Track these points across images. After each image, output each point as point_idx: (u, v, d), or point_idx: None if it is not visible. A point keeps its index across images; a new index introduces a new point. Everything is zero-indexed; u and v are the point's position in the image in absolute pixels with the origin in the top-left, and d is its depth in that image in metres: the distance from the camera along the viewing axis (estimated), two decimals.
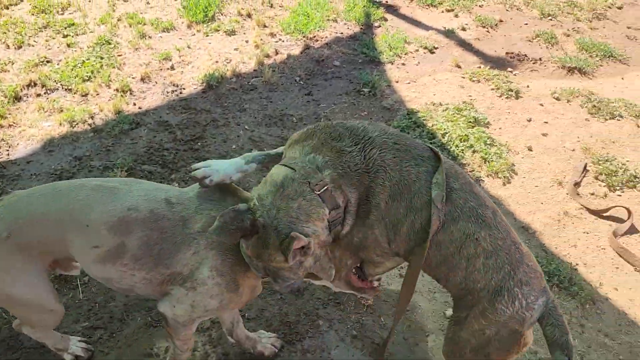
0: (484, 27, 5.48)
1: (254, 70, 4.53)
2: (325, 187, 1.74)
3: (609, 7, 5.92)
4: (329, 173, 1.77)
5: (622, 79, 4.69)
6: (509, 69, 4.78)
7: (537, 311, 1.77)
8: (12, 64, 4.23)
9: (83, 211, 1.81)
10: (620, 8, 5.94)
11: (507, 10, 5.87)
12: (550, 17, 5.72)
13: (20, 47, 4.47)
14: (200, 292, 1.84)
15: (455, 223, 1.77)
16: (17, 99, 3.86)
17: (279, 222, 1.69)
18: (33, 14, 4.93)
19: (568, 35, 5.38)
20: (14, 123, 3.63)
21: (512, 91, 4.37)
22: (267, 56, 4.73)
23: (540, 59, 4.96)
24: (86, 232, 1.80)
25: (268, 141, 3.75)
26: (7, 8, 5.03)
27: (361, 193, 1.80)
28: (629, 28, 5.55)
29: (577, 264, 2.96)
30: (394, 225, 1.82)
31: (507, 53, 5.04)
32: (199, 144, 3.63)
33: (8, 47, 4.46)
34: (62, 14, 5.03)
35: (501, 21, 5.63)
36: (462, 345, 1.88)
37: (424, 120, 3.98)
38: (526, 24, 5.61)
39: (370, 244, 1.88)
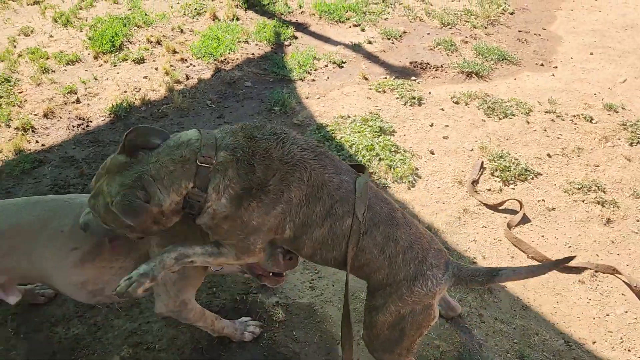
0: (389, 39, 5.73)
1: (164, 97, 4.54)
2: (208, 166, 1.79)
3: (502, 14, 6.34)
4: (223, 155, 1.81)
5: (515, 79, 5.03)
6: (413, 78, 5.03)
7: (446, 283, 2.04)
8: None
9: (56, 218, 1.98)
10: (512, 14, 6.37)
11: (410, 21, 6.17)
12: (450, 26, 6.06)
13: None
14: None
15: (377, 228, 1.96)
16: None
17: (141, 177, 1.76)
18: None
19: (466, 42, 5.72)
20: None
21: (415, 99, 4.60)
22: (178, 82, 4.75)
23: (441, 66, 5.25)
24: (62, 237, 1.97)
25: None
26: None
27: (263, 179, 1.82)
28: (520, 32, 5.96)
29: (475, 258, 3.16)
30: (304, 225, 1.90)
31: (410, 62, 5.30)
32: None
33: None
34: None
35: (405, 32, 5.90)
36: (380, 327, 2.07)
37: (332, 133, 4.13)
38: (428, 33, 5.91)
39: (264, 232, 1.90)
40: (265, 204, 1.83)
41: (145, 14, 5.80)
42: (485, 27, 6.05)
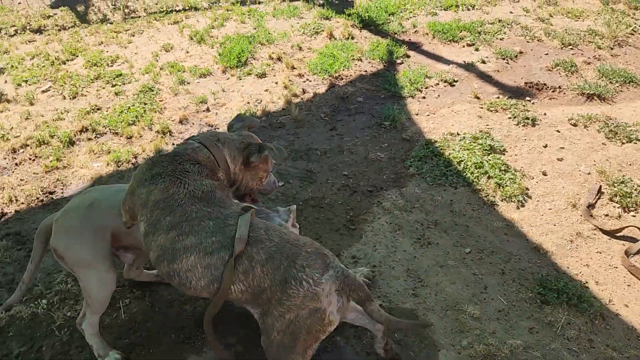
0: (503, 59, 5.68)
1: (283, 109, 4.88)
2: None
3: (631, 34, 6.02)
4: None
5: None
6: (527, 98, 4.94)
7: (327, 284, 2.03)
8: (68, 112, 4.74)
9: None
10: None
11: (527, 42, 6.06)
12: (570, 47, 5.87)
13: (74, 97, 5.00)
14: None
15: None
16: (71, 143, 4.33)
17: None
18: (86, 68, 5.50)
19: (588, 63, 5.51)
20: (68, 164, 4.08)
21: (528, 119, 4.53)
22: (295, 95, 5.09)
23: (559, 87, 5.11)
24: None
25: (294, 173, 4.03)
26: (64, 63, 5.63)
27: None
28: None
29: (587, 282, 3.06)
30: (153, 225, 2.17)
31: (525, 83, 5.21)
32: None
33: (64, 97, 5.00)
34: (112, 66, 5.58)
35: (521, 52, 5.82)
36: (270, 331, 2.11)
37: (441, 149, 4.19)
38: (546, 54, 5.77)
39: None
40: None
41: (269, 33, 6.26)
42: (612, 48, 5.78)
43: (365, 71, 5.54)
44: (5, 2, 7.39)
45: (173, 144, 4.35)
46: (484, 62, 5.62)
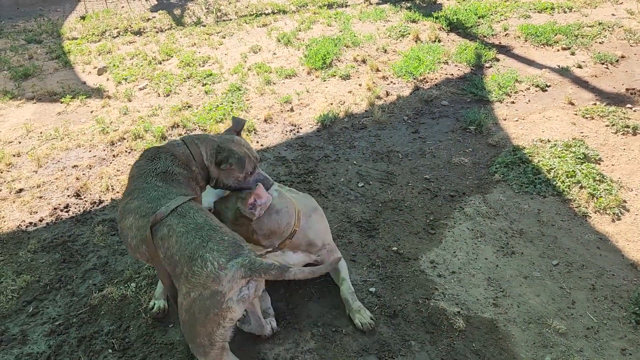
0: (602, 63, 5.34)
1: (365, 110, 4.89)
2: None
3: None
4: None
5: None
6: (628, 105, 4.61)
7: (232, 270, 2.09)
8: (161, 109, 5.04)
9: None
10: None
11: (630, 45, 5.66)
12: None
13: (168, 95, 5.30)
14: None
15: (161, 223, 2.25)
16: (163, 138, 4.59)
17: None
18: (180, 67, 5.82)
19: None
20: None
21: (629, 127, 4.22)
22: (378, 97, 5.07)
23: None
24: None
25: (374, 175, 4.02)
26: (160, 63, 5.99)
27: None
28: None
29: None
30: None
31: (627, 89, 4.87)
32: (311, 177, 4.02)
33: (159, 95, 5.31)
34: (203, 66, 5.86)
35: (623, 57, 5.44)
36: (180, 310, 2.21)
37: (529, 156, 4.01)
38: None
39: None
40: None
41: (354, 35, 6.30)
42: None
43: (452, 74, 5.42)
44: (109, 5, 7.98)
45: (257, 142, 4.49)
46: (580, 66, 5.32)
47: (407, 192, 3.80)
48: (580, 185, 3.64)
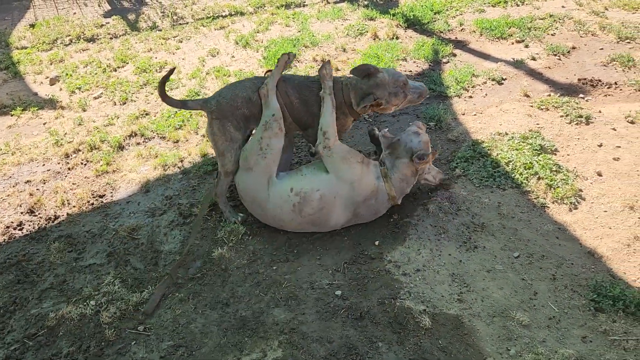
0: (555, 55, 5.46)
1: None
2: None
3: None
4: None
5: None
6: (581, 95, 4.73)
7: None
8: (118, 118, 4.91)
9: None
10: None
11: (580, 36, 5.80)
12: (628, 40, 5.57)
13: (124, 103, 5.17)
14: None
15: None
16: (121, 148, 4.47)
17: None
18: (136, 74, 5.68)
19: None
20: (117, 169, 4.22)
21: (582, 117, 4.33)
22: None
23: (615, 83, 4.85)
24: None
25: None
26: (115, 70, 5.84)
27: None
28: None
29: None
30: None
31: (579, 79, 4.99)
32: None
33: (115, 103, 5.18)
34: (160, 72, 5.73)
35: (574, 48, 5.57)
36: None
37: (488, 150, 4.06)
38: (601, 49, 5.51)
39: None
40: None
41: (313, 35, 6.27)
42: None
43: (410, 71, 5.45)
44: (60, 12, 7.74)
45: None
46: (534, 59, 5.43)
47: None
48: (538, 176, 3.72)
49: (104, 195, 3.97)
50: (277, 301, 2.99)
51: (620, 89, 4.77)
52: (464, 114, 4.65)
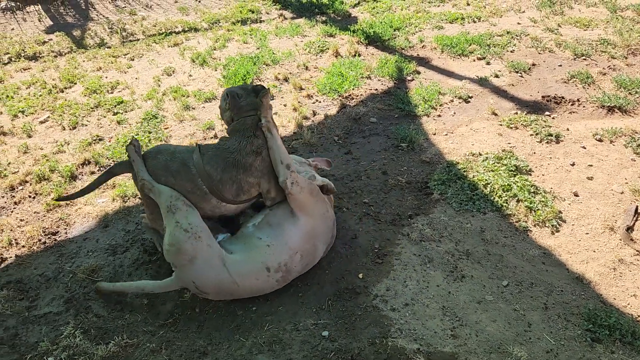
0: (517, 72, 5.52)
1: (294, 132, 4.68)
2: None
3: None
4: None
5: None
6: (547, 113, 4.76)
7: None
8: (68, 144, 4.52)
9: None
10: None
11: (539, 53, 5.90)
12: (584, 57, 5.71)
13: (74, 128, 4.78)
14: None
15: None
16: (73, 177, 4.10)
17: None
18: (85, 95, 5.29)
19: (604, 74, 5.34)
20: (71, 202, 3.85)
21: (552, 135, 4.34)
22: (305, 118, 4.89)
23: (578, 100, 4.93)
24: None
25: None
26: (62, 91, 5.42)
27: None
28: None
29: (639, 316, 2.84)
30: None
31: (543, 97, 5.04)
32: None
33: (64, 128, 4.78)
34: (112, 93, 5.37)
35: (534, 65, 5.65)
36: None
37: (464, 171, 3.99)
38: (560, 65, 5.61)
39: None
40: None
41: (273, 53, 6.08)
42: (626, 57, 5.62)
43: (376, 89, 5.35)
44: None
45: None
46: (497, 76, 5.45)
47: (348, 219, 3.63)
48: (517, 198, 3.66)
49: (57, 232, 3.60)
50: (259, 346, 2.75)
51: (584, 106, 4.85)
52: (434, 134, 4.58)
